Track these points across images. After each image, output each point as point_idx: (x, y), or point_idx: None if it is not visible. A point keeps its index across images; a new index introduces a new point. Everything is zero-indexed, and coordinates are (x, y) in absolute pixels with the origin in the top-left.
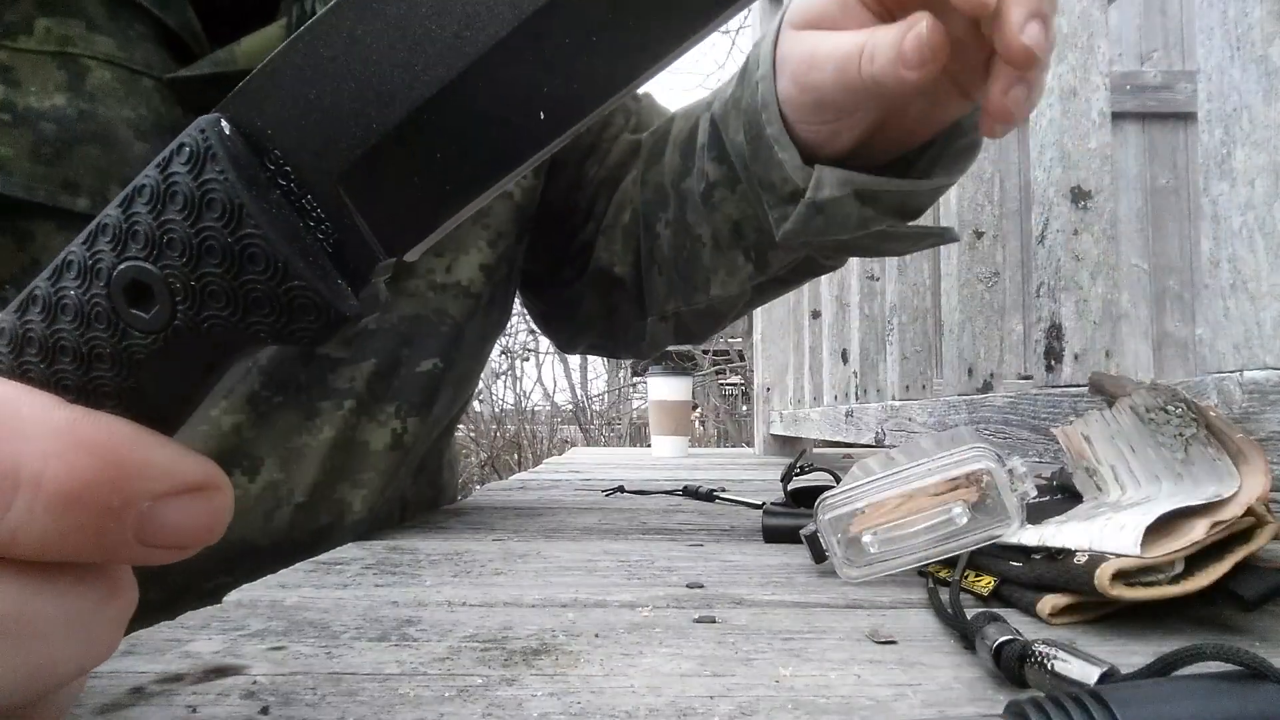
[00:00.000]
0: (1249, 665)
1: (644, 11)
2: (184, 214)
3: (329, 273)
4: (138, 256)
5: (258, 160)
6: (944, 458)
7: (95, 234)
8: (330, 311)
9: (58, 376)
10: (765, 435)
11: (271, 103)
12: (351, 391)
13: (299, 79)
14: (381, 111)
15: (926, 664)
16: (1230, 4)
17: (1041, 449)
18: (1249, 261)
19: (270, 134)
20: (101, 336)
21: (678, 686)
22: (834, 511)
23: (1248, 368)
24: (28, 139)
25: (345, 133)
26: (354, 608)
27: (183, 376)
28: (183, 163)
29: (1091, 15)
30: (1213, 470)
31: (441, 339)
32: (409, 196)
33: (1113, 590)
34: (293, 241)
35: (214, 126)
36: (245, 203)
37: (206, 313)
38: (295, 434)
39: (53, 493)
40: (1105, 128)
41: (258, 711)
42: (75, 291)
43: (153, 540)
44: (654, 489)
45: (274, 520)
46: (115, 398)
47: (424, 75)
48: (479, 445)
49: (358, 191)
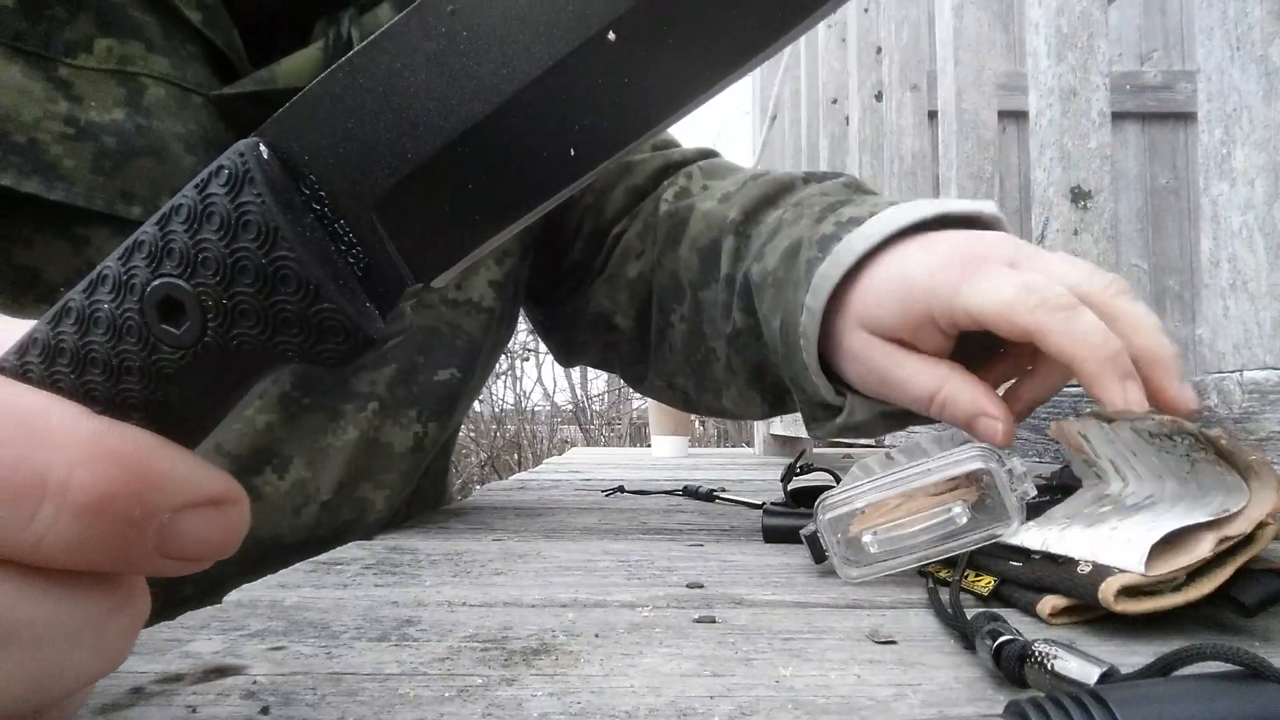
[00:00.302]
0: (1249, 665)
1: (676, 57)
2: (220, 234)
3: (358, 296)
4: (172, 273)
5: (294, 185)
6: (943, 457)
7: (131, 250)
8: (358, 334)
9: (87, 387)
10: (765, 435)
11: (310, 130)
12: (373, 395)
13: (337, 108)
14: (416, 143)
15: (926, 664)
16: (1230, 4)
17: (1041, 449)
18: (1249, 261)
19: (307, 160)
20: (132, 350)
21: (678, 686)
22: (834, 511)
23: (1248, 368)
24: (89, 151)
25: (380, 162)
26: (354, 608)
27: (209, 392)
28: (221, 184)
29: (1091, 15)
30: (1220, 483)
31: (458, 352)
32: (439, 225)
33: (1117, 605)
34: (325, 265)
35: (253, 151)
36: (280, 225)
37: (236, 330)
38: (321, 434)
39: (78, 502)
40: (1105, 128)
41: (258, 711)
42: (109, 305)
43: (171, 551)
44: (654, 489)
45: (302, 516)
46: (142, 410)
47: (459, 110)
48: (479, 445)
49: (390, 219)
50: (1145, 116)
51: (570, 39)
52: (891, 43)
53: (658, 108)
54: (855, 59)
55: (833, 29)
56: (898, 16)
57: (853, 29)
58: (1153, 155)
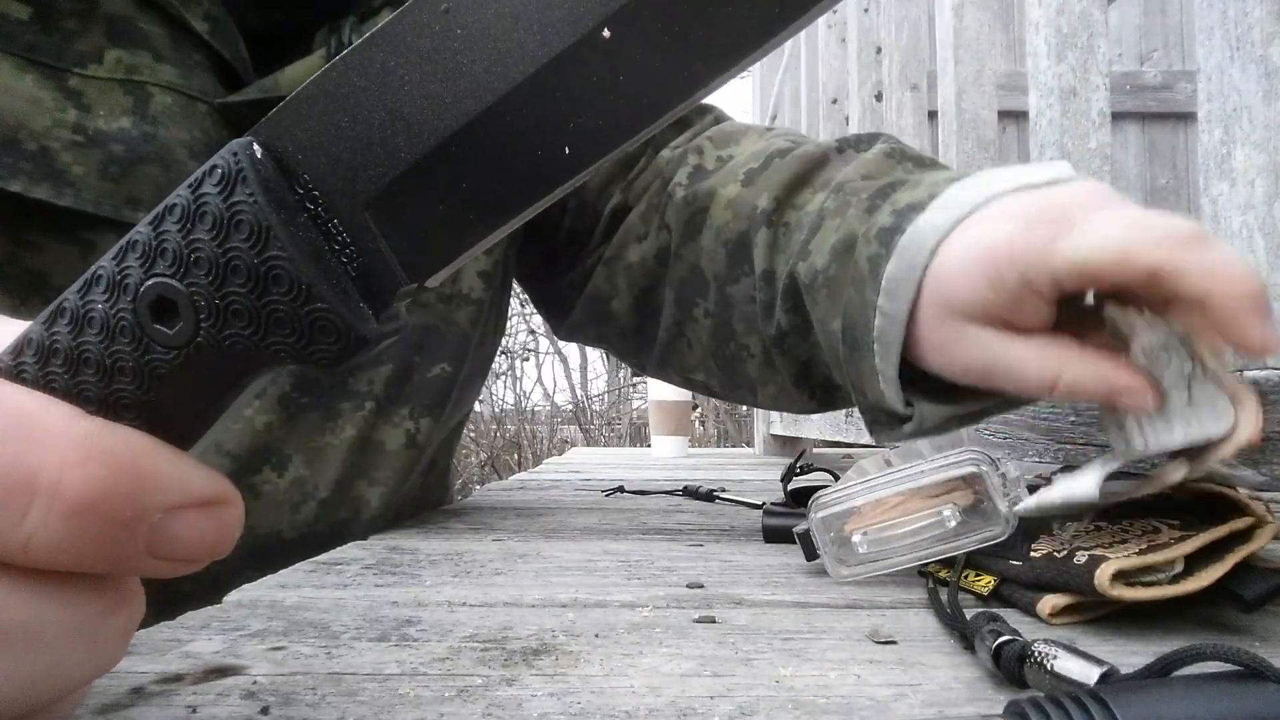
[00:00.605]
0: (1249, 665)
1: (671, 53)
2: (212, 234)
3: (351, 296)
4: (165, 273)
5: (287, 184)
6: (937, 460)
7: (125, 250)
8: (351, 334)
9: (80, 387)
10: (765, 435)
11: (303, 129)
12: (370, 394)
13: (331, 107)
14: (410, 142)
15: (926, 664)
16: (1230, 4)
17: (1041, 449)
18: (1249, 261)
19: (301, 159)
20: (125, 350)
21: (678, 686)
22: (826, 510)
23: (1248, 368)
24: (98, 158)
25: (374, 161)
26: (354, 608)
27: (201, 393)
28: (214, 184)
29: (1091, 15)
30: (1213, 410)
31: (450, 346)
32: (433, 224)
33: (1113, 590)
34: (317, 265)
35: (246, 150)
36: (273, 225)
37: (229, 331)
38: (319, 433)
39: (68, 502)
40: (1105, 128)
41: (258, 711)
42: (102, 305)
43: (162, 553)
44: (654, 489)
45: (300, 513)
46: (135, 410)
47: (453, 108)
48: (479, 445)
49: (384, 218)
50: (1145, 116)
51: (565, 36)
52: (891, 43)
53: (654, 105)
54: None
55: (833, 29)
56: (898, 16)
57: (853, 29)
58: (1153, 155)
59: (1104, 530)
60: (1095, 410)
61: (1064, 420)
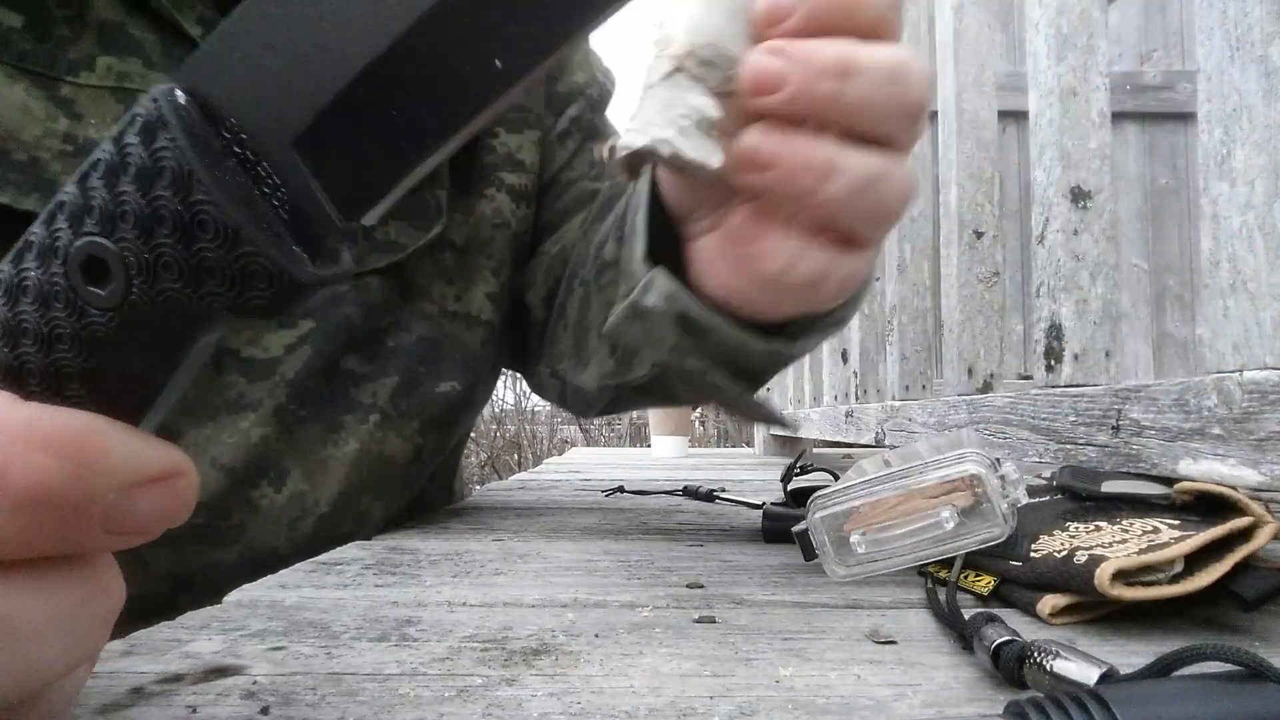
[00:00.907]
0: (1249, 665)
1: None
2: (136, 185)
3: (283, 239)
4: (93, 232)
5: (213, 129)
6: (937, 461)
7: (54, 213)
8: (284, 278)
9: (21, 359)
10: (765, 435)
11: (226, 69)
12: (375, 406)
13: (253, 44)
14: (334, 70)
15: (926, 664)
16: (1230, 4)
17: (1041, 449)
18: (1249, 261)
19: (225, 101)
20: (61, 316)
21: (678, 686)
22: (826, 510)
23: (1248, 367)
24: None
25: (298, 95)
26: (354, 608)
27: (143, 357)
28: (136, 133)
29: (1091, 15)
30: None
31: (459, 365)
32: (364, 157)
33: (1113, 590)
34: (245, 208)
35: (167, 96)
36: (195, 169)
37: (161, 285)
38: (320, 447)
39: (14, 495)
40: (1105, 128)
41: (258, 711)
42: (35, 272)
43: (118, 529)
44: (654, 489)
45: (298, 529)
46: (78, 380)
47: (376, 30)
48: (479, 445)
49: (312, 154)
50: (1145, 116)
51: None
52: None
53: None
54: None
55: None
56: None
57: None
58: (1153, 155)
59: (1104, 530)
60: (1095, 410)
61: (1064, 420)
